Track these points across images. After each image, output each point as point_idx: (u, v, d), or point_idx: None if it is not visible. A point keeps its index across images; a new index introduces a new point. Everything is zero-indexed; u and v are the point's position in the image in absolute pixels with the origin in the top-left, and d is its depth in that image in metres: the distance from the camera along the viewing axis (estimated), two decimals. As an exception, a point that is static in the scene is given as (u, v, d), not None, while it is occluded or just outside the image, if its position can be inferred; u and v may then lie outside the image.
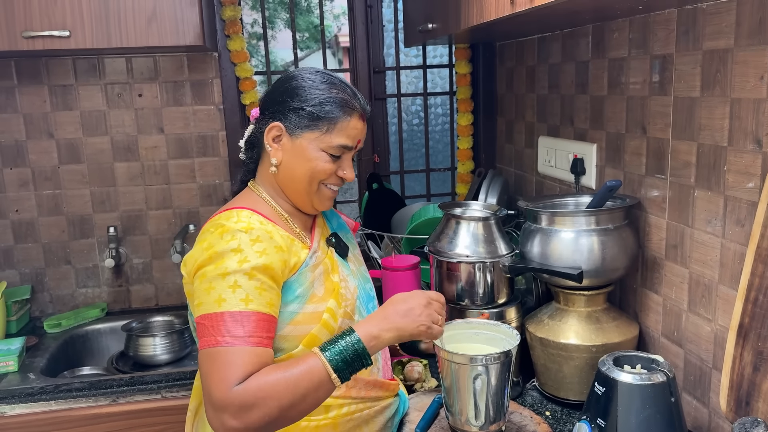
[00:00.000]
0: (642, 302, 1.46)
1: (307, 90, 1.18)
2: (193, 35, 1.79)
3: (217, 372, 1.00)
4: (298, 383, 1.01)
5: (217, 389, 0.99)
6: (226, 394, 0.98)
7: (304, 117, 1.17)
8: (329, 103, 1.17)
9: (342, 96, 1.18)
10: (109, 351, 2.10)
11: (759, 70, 1.06)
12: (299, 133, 1.18)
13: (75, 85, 2.10)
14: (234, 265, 1.05)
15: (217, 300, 1.04)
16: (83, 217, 2.18)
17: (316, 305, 1.15)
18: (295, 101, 1.18)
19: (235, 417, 0.98)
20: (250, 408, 0.98)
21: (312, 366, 1.02)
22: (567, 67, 1.75)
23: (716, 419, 1.23)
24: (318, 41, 7.83)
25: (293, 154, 1.19)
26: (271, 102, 1.22)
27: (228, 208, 1.18)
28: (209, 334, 1.03)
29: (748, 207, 1.11)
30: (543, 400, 1.45)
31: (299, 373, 1.01)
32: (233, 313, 1.03)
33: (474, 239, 1.44)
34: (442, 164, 2.57)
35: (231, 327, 1.02)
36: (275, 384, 1.00)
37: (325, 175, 1.20)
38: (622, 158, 1.50)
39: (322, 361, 1.03)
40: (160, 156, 2.19)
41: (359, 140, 1.22)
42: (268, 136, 1.20)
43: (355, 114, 1.19)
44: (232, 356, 1.00)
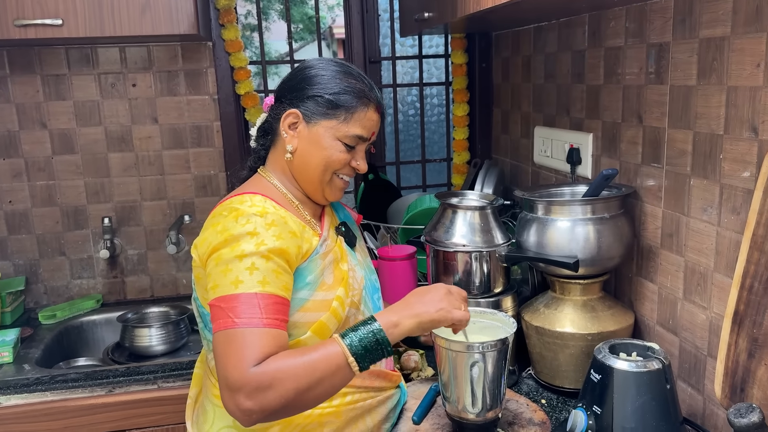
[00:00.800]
0: (637, 291, 1.47)
1: (326, 79, 1.19)
2: (187, 24, 1.77)
3: (235, 353, 0.99)
4: (316, 367, 0.99)
5: (234, 369, 0.98)
6: (243, 374, 0.97)
7: (322, 105, 1.18)
8: (347, 92, 1.18)
9: (360, 86, 1.19)
10: (104, 342, 2.09)
11: (756, 58, 1.06)
12: (316, 121, 1.18)
13: (68, 74, 2.09)
14: (251, 248, 1.05)
15: (234, 282, 1.03)
16: (77, 208, 2.17)
17: (325, 293, 1.15)
18: (314, 89, 1.18)
19: (251, 397, 0.96)
20: (266, 389, 0.96)
21: (331, 351, 1.01)
22: (563, 57, 1.75)
23: (711, 406, 1.24)
24: (312, 32, 7.81)
25: (309, 141, 1.19)
26: (288, 89, 1.22)
27: (239, 192, 1.17)
28: (225, 316, 1.02)
29: (744, 195, 1.11)
30: (539, 388, 1.46)
31: (318, 357, 1.00)
32: (250, 295, 1.02)
33: (470, 229, 1.44)
34: (438, 155, 2.57)
35: (248, 308, 1.01)
36: (294, 366, 0.98)
37: (340, 165, 1.20)
38: (618, 147, 1.50)
39: (342, 346, 1.02)
40: (154, 146, 2.18)
41: (374, 132, 1.23)
42: (284, 123, 1.20)
43: (371, 105, 1.21)
44: (250, 337, 0.99)
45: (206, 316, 1.17)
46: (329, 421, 1.16)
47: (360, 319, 1.18)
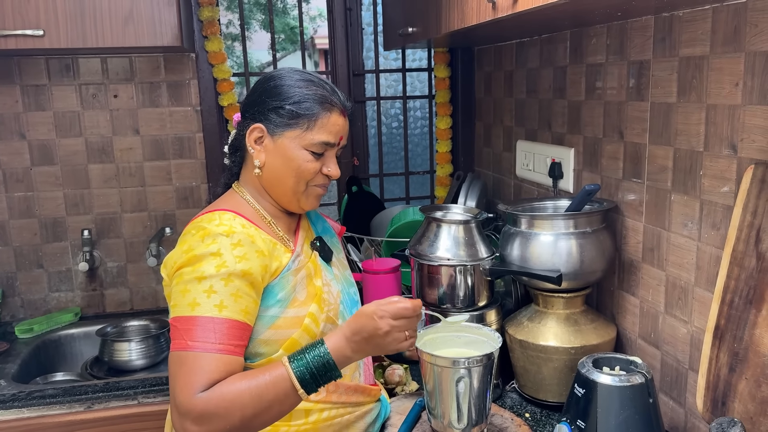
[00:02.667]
0: (619, 304, 1.48)
1: (285, 88, 1.18)
2: (170, 36, 1.77)
3: (184, 376, 1.00)
4: (262, 394, 1.00)
5: (181, 394, 0.99)
6: (189, 400, 0.98)
7: (283, 116, 1.16)
8: (308, 100, 1.16)
9: (321, 92, 1.18)
10: (82, 356, 2.06)
11: (734, 77, 1.08)
12: (280, 133, 1.17)
13: (48, 85, 2.06)
14: (211, 270, 1.05)
15: (191, 303, 1.03)
16: (56, 219, 2.13)
17: (297, 309, 1.14)
18: (274, 100, 1.17)
19: (196, 424, 0.98)
20: (211, 417, 0.98)
21: (278, 377, 1.01)
22: (545, 72, 1.77)
23: (692, 419, 1.25)
24: (294, 43, 7.80)
25: (276, 154, 1.18)
26: (251, 104, 1.21)
27: (210, 210, 1.16)
28: (180, 337, 1.03)
29: (724, 211, 1.13)
30: (522, 402, 1.46)
31: (264, 383, 1.01)
32: (206, 319, 1.02)
33: (455, 242, 1.45)
34: (421, 167, 2.58)
35: (202, 332, 1.02)
36: (239, 394, 0.99)
37: (311, 175, 1.19)
38: (600, 162, 1.52)
39: (289, 372, 1.02)
40: (135, 158, 2.16)
41: (341, 137, 1.21)
42: (249, 138, 1.19)
43: (335, 110, 1.19)
44: (200, 362, 1.00)
45: None
46: None
47: None
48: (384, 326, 1.05)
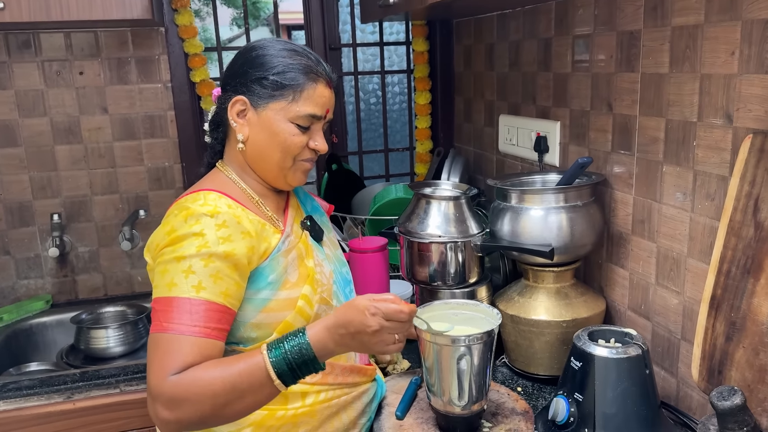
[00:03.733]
0: (608, 277, 1.49)
1: (268, 58, 1.12)
2: (140, 8, 1.68)
3: (158, 359, 0.96)
4: (235, 383, 0.96)
5: (153, 376, 0.95)
6: (160, 383, 0.94)
7: (267, 87, 1.11)
8: (293, 70, 1.11)
9: (306, 62, 1.13)
10: (56, 345, 1.99)
11: (730, 46, 1.07)
12: (264, 105, 1.11)
13: (8, 62, 1.95)
14: (192, 250, 1.01)
15: (169, 284, 1.00)
16: (22, 204, 2.04)
17: (289, 291, 1.11)
18: (257, 71, 1.12)
19: (167, 408, 0.94)
20: (181, 402, 0.94)
21: (253, 366, 0.97)
22: (528, 45, 1.75)
23: (684, 388, 1.27)
24: (255, 18, 7.62)
25: (260, 127, 1.13)
26: (232, 75, 1.15)
27: (195, 190, 1.12)
28: (158, 319, 0.99)
29: (718, 181, 1.13)
30: (513, 376, 1.46)
31: (239, 372, 0.96)
32: (183, 300, 0.98)
33: (445, 219, 1.43)
34: (401, 144, 2.54)
35: (178, 314, 0.98)
36: (211, 381, 0.95)
37: (297, 149, 1.14)
38: (587, 135, 1.51)
39: (265, 361, 0.97)
40: (104, 138, 2.07)
41: (328, 109, 1.16)
42: (231, 111, 1.13)
43: (321, 81, 1.14)
44: (173, 344, 0.96)
45: None
46: (304, 420, 1.13)
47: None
48: (374, 324, 0.99)
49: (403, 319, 1.00)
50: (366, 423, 1.23)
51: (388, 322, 0.99)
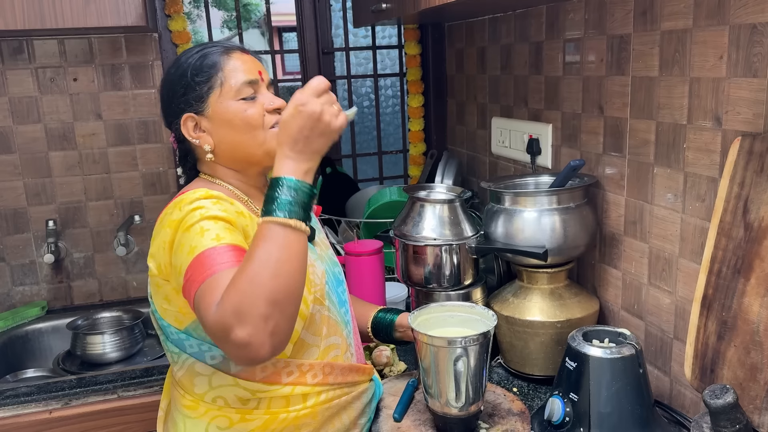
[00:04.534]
0: (601, 277, 1.50)
1: (180, 70, 1.14)
2: (135, 15, 1.69)
3: (203, 304, 0.91)
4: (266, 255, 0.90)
5: (207, 318, 0.90)
6: (213, 314, 0.89)
7: (196, 89, 1.12)
8: (203, 60, 1.12)
9: (211, 48, 1.15)
10: (52, 351, 1.99)
11: (718, 50, 1.09)
12: (205, 104, 1.12)
13: (2, 69, 1.95)
14: (196, 218, 1.01)
15: (190, 250, 0.98)
16: (17, 210, 2.04)
17: None
18: (180, 84, 1.13)
19: (236, 325, 0.86)
20: (239, 307, 0.87)
21: (266, 231, 0.92)
22: (520, 48, 1.76)
23: (678, 387, 1.29)
24: (246, 20, 7.62)
25: (217, 125, 1.13)
26: (166, 105, 1.16)
27: (183, 192, 1.12)
28: (190, 287, 0.96)
29: (709, 183, 1.15)
30: (509, 377, 1.48)
31: (259, 246, 0.91)
32: (207, 251, 0.97)
33: (440, 222, 1.44)
34: (394, 146, 2.55)
35: (209, 263, 0.95)
36: (245, 271, 0.89)
37: (258, 118, 1.12)
38: (579, 138, 1.53)
39: (269, 218, 0.93)
40: (98, 144, 2.08)
41: (260, 71, 1.15)
42: (187, 132, 1.14)
43: (233, 52, 1.14)
44: (213, 283, 0.92)
45: (166, 328, 1.12)
46: (305, 422, 1.13)
47: (326, 316, 1.16)
48: (316, 107, 0.96)
49: (324, 85, 0.99)
50: (366, 423, 1.24)
51: (321, 97, 0.98)
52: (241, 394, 1.10)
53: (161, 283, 1.07)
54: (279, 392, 1.10)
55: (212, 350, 1.09)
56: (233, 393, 1.10)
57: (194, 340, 1.09)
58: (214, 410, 1.11)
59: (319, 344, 1.15)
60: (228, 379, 1.10)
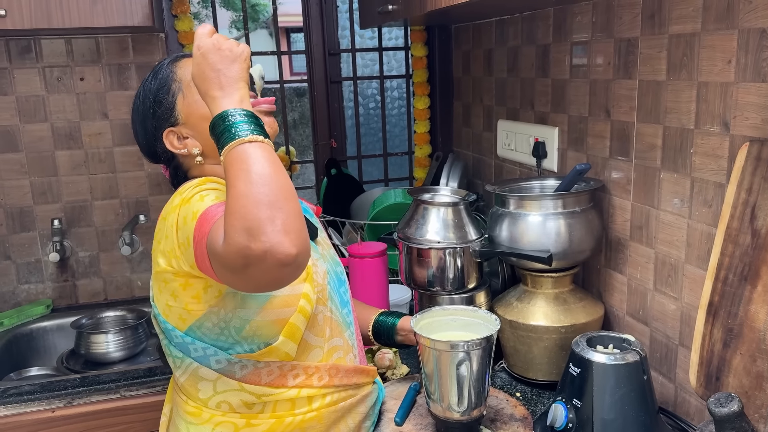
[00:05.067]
0: (606, 282, 1.49)
1: (144, 93, 1.18)
2: (141, 15, 1.69)
3: (214, 247, 0.90)
4: (245, 170, 0.89)
5: (219, 256, 0.89)
6: (222, 250, 0.87)
7: (161, 103, 1.15)
8: (155, 77, 1.17)
9: (157, 67, 1.19)
10: (57, 350, 1.99)
11: (727, 54, 1.08)
12: (177, 112, 1.15)
13: (9, 68, 1.96)
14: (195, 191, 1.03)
15: (193, 215, 0.98)
16: (23, 209, 2.05)
17: (291, 288, 1.08)
18: (146, 107, 1.16)
19: (249, 247, 0.84)
20: (244, 231, 0.84)
21: (231, 155, 0.92)
22: (527, 50, 1.75)
23: (683, 394, 1.27)
24: (254, 21, 7.63)
25: (197, 122, 1.14)
26: (143, 136, 1.19)
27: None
28: (201, 237, 0.95)
29: (716, 188, 1.14)
30: (512, 382, 1.47)
31: (232, 171, 0.90)
32: (209, 208, 0.98)
33: (444, 225, 1.43)
34: (399, 148, 2.55)
35: (211, 214, 0.96)
36: (232, 193, 0.88)
37: None
38: (585, 141, 1.52)
39: (231, 146, 0.92)
40: (104, 143, 2.08)
41: None
42: (171, 145, 1.15)
43: (180, 59, 1.19)
44: (218, 225, 0.91)
45: (170, 332, 1.11)
46: (311, 426, 1.13)
47: (329, 317, 1.16)
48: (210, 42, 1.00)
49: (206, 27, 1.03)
50: (370, 427, 1.24)
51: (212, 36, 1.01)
52: (246, 399, 1.09)
53: (170, 278, 1.06)
54: (285, 395, 1.10)
55: (217, 354, 1.08)
56: (238, 398, 1.09)
57: (199, 344, 1.09)
58: (218, 416, 1.11)
59: (322, 345, 1.14)
60: (233, 383, 1.09)
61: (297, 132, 4.53)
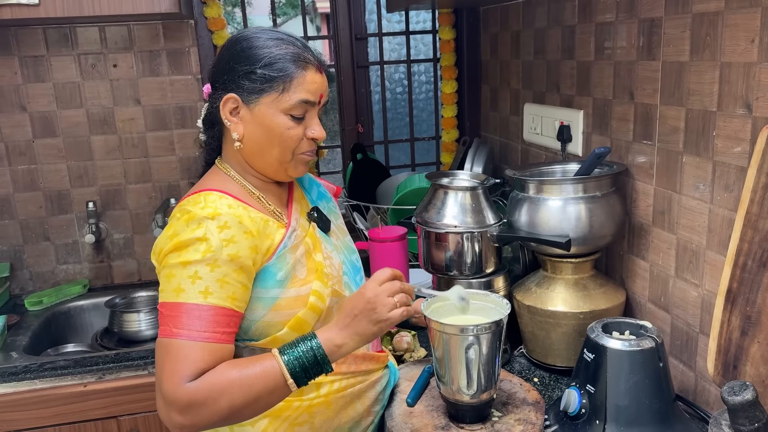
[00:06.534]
0: (629, 268, 1.47)
1: (254, 51, 1.10)
2: (168, 2, 1.72)
3: (170, 365, 0.98)
4: (252, 385, 0.99)
5: (167, 383, 0.97)
6: (175, 389, 0.96)
7: (256, 81, 1.08)
8: (280, 59, 1.08)
9: (293, 50, 1.10)
10: (92, 328, 2.07)
11: (750, 34, 1.04)
12: (255, 99, 1.09)
13: (47, 55, 2.03)
14: (197, 255, 1.01)
15: (176, 289, 1.00)
16: (61, 192, 2.12)
17: (298, 289, 1.11)
18: (244, 65, 1.09)
19: (183, 414, 0.96)
20: (199, 406, 0.96)
21: (268, 369, 1.00)
22: (553, 32, 1.72)
23: (702, 382, 1.25)
24: (294, 7, 7.67)
25: (254, 124, 1.10)
26: (219, 72, 1.13)
27: (195, 191, 1.11)
28: (167, 324, 1.00)
29: (737, 172, 1.10)
30: (531, 367, 1.46)
31: (254, 374, 0.99)
32: (191, 306, 0.99)
33: (462, 209, 1.43)
34: (427, 133, 2.54)
35: (188, 320, 0.99)
36: (229, 384, 0.97)
37: (295, 142, 1.12)
38: (609, 124, 1.49)
39: (280, 365, 1.00)
40: (137, 128, 2.14)
41: (321, 94, 1.13)
42: (224, 110, 1.11)
43: (310, 67, 1.11)
44: (185, 350, 0.97)
45: None
46: (319, 411, 1.15)
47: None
48: (368, 293, 1.04)
49: (387, 276, 1.07)
50: (380, 410, 1.25)
51: (381, 286, 1.05)
52: None
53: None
54: None
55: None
56: None
57: None
58: None
59: None
60: None
61: (328, 117, 4.56)
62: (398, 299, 1.06)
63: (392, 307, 1.05)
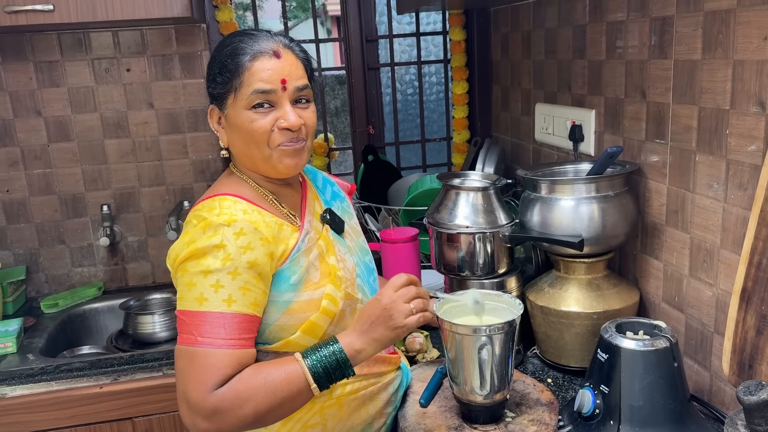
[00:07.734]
0: (642, 268, 1.46)
1: (214, 59, 1.12)
2: (181, 6, 1.74)
3: (197, 373, 0.98)
4: (276, 391, 1.01)
5: (195, 391, 0.98)
6: (203, 398, 0.97)
7: (218, 87, 1.11)
8: (229, 59, 1.08)
9: (237, 45, 1.09)
10: (107, 330, 2.09)
11: (763, 31, 1.04)
12: (225, 105, 1.11)
13: (61, 61, 2.05)
14: (217, 264, 1.01)
15: (199, 298, 1.01)
16: (75, 195, 2.15)
17: (311, 292, 1.12)
18: (210, 75, 1.12)
19: (208, 420, 0.98)
20: (225, 413, 0.98)
21: (292, 374, 1.02)
22: (564, 32, 1.72)
23: (718, 382, 1.24)
24: (305, 10, 7.70)
25: (230, 128, 1.12)
26: (207, 85, 1.16)
27: (209, 195, 1.12)
28: (189, 332, 1.01)
29: (751, 170, 1.10)
30: (544, 368, 1.46)
31: (279, 380, 1.01)
32: (215, 314, 1.00)
33: (473, 210, 1.43)
34: (438, 134, 2.54)
35: (212, 328, 1.00)
36: (254, 391, 0.99)
37: (263, 135, 1.09)
38: (622, 124, 1.48)
39: (303, 369, 1.02)
40: (150, 132, 2.16)
41: (283, 79, 1.08)
42: (212, 122, 1.16)
43: (260, 56, 1.08)
44: (212, 359, 0.99)
45: None
46: (331, 413, 1.15)
47: (357, 309, 1.18)
48: (385, 299, 1.06)
49: (403, 281, 1.08)
50: (392, 412, 1.25)
51: (397, 292, 1.06)
52: None
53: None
54: None
55: None
56: None
57: None
58: None
59: None
60: None
61: (339, 120, 4.58)
62: (414, 305, 1.07)
63: (408, 313, 1.06)
